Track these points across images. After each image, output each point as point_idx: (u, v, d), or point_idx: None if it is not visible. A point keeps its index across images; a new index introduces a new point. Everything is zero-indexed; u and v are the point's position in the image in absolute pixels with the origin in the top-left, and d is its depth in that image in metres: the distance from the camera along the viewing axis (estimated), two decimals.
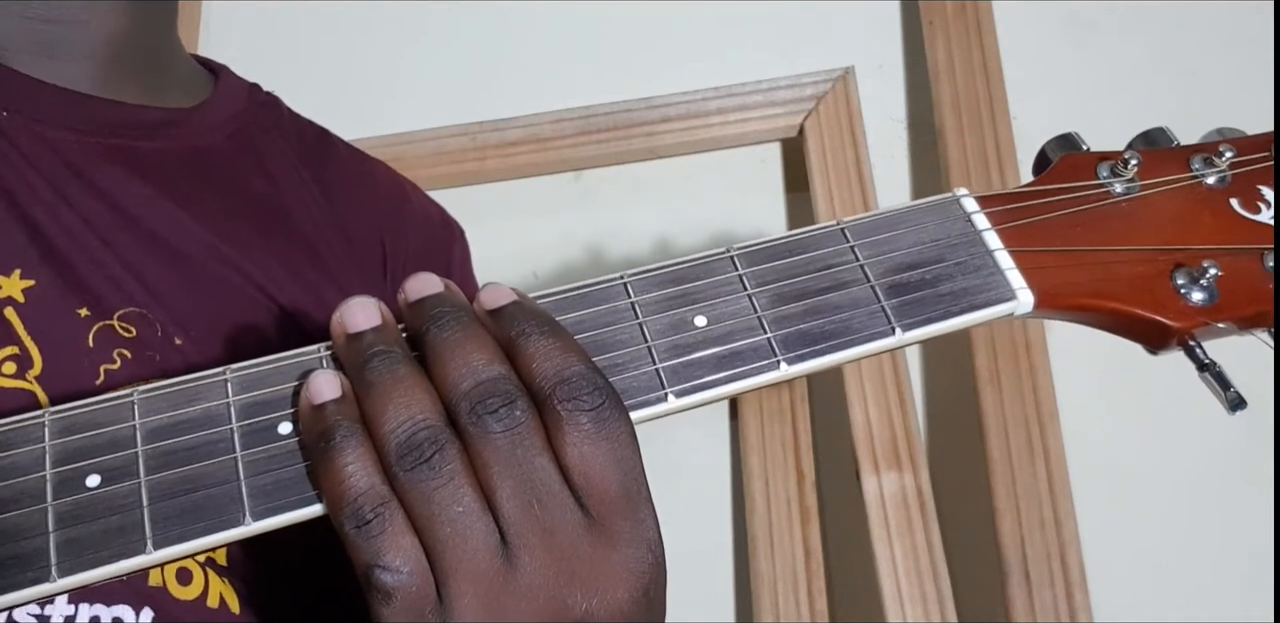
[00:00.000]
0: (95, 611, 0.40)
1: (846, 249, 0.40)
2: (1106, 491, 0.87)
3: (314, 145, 0.61)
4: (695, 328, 0.38)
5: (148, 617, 0.41)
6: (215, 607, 0.43)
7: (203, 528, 0.34)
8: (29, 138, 0.47)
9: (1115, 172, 0.42)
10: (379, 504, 0.32)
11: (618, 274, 0.39)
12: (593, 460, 0.33)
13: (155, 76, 0.54)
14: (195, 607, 0.43)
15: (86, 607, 0.40)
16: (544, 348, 0.34)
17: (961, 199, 0.42)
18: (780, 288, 0.39)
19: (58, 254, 0.45)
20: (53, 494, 0.34)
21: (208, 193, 0.52)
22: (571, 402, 0.33)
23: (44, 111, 0.48)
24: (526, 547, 0.33)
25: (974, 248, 0.40)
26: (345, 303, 0.36)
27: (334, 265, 0.56)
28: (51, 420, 0.36)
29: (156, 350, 0.46)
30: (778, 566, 0.87)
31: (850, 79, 0.97)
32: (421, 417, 0.33)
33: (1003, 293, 0.39)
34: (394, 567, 0.32)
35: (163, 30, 0.55)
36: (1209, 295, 0.40)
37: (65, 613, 0.39)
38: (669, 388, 0.37)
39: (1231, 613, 0.84)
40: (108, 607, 0.40)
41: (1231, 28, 0.96)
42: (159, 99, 0.53)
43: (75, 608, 0.40)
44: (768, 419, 0.92)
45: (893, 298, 0.39)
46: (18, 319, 0.43)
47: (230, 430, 0.36)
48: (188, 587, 0.43)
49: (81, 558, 0.34)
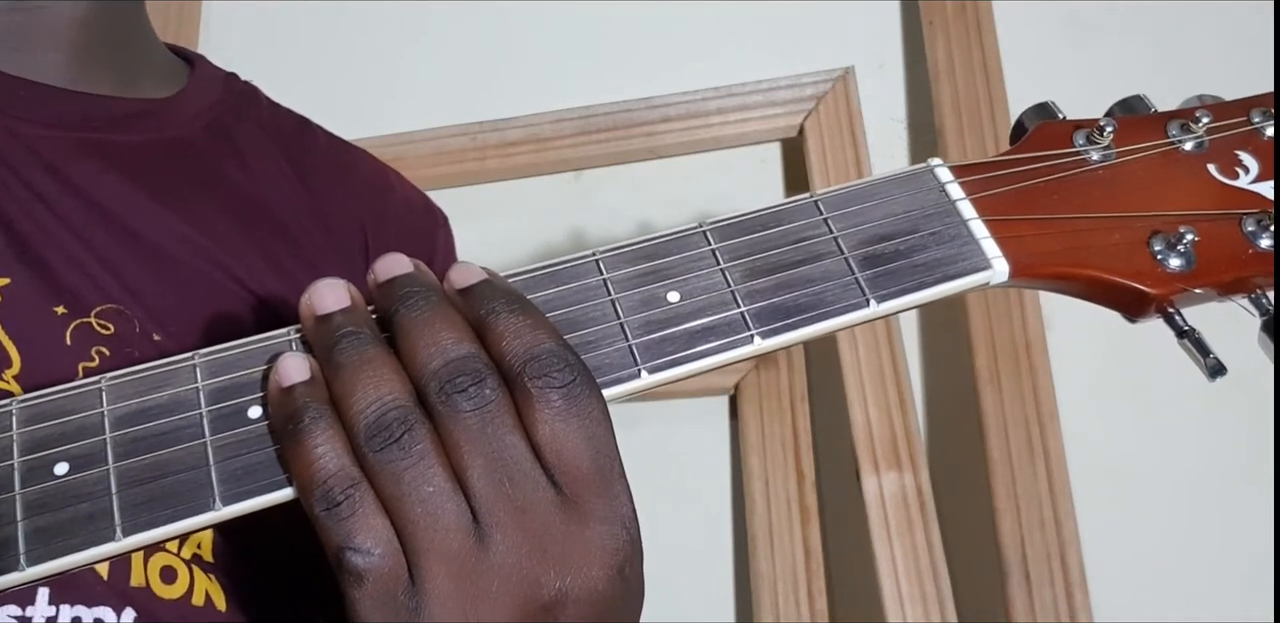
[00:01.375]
0: (76, 612, 0.39)
1: (819, 222, 0.40)
2: (1106, 491, 0.87)
3: (292, 135, 0.61)
4: (668, 304, 0.38)
5: (129, 618, 0.40)
6: (200, 605, 0.43)
7: (172, 514, 0.34)
8: (1, 134, 0.46)
9: (1091, 139, 0.42)
10: (349, 486, 0.32)
11: (589, 251, 0.39)
12: (564, 438, 0.33)
13: (128, 66, 0.53)
14: (179, 605, 0.42)
15: (68, 608, 0.39)
16: (514, 326, 0.34)
17: (935, 169, 0.41)
18: (753, 262, 0.39)
19: (33, 252, 0.44)
20: (21, 483, 0.34)
21: (185, 185, 0.51)
22: (542, 379, 0.33)
23: (15, 107, 0.47)
24: (498, 525, 0.33)
25: (948, 218, 0.40)
26: (314, 285, 0.36)
27: (314, 255, 0.55)
28: (19, 409, 0.35)
29: (135, 347, 0.45)
30: (778, 566, 0.87)
31: (850, 79, 0.97)
32: (390, 397, 0.33)
33: (977, 262, 0.39)
34: (365, 548, 0.32)
35: (131, 15, 0.54)
36: (1186, 262, 0.39)
37: (46, 614, 0.39)
38: (642, 364, 0.37)
39: (1231, 613, 0.84)
40: (89, 608, 0.40)
41: (1231, 28, 0.96)
42: (133, 90, 0.52)
43: (56, 609, 0.39)
44: (768, 419, 0.92)
45: (866, 269, 0.38)
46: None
47: (199, 415, 0.35)
48: (172, 585, 0.42)
49: (50, 546, 0.33)
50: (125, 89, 0.52)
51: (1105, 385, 0.91)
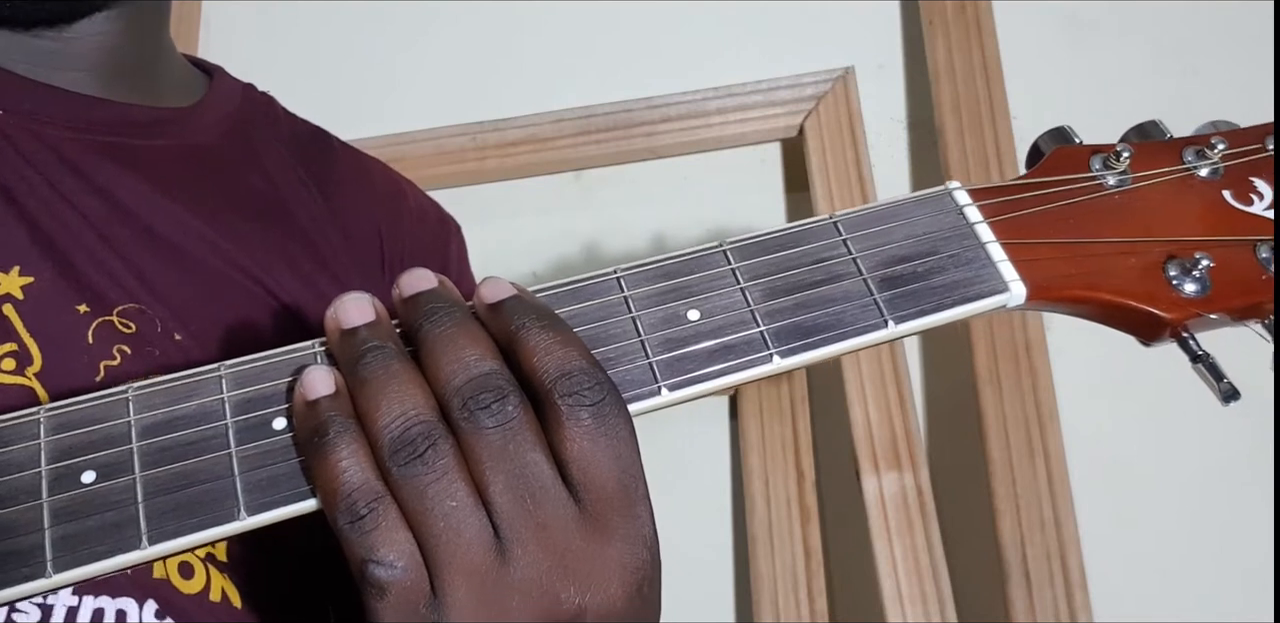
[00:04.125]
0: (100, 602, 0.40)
1: (839, 242, 0.40)
2: (1106, 491, 0.87)
3: (309, 144, 0.62)
4: (688, 322, 0.38)
5: (151, 609, 0.41)
6: (218, 601, 0.43)
7: (197, 523, 0.34)
8: (26, 136, 0.47)
9: (1108, 164, 0.42)
10: (373, 499, 0.32)
11: (611, 269, 0.39)
12: (592, 456, 0.33)
13: (151, 81, 0.54)
14: (199, 600, 0.43)
15: (91, 599, 0.40)
16: (544, 342, 0.34)
17: (954, 192, 0.42)
18: (772, 281, 0.39)
19: (56, 251, 0.45)
20: (48, 491, 0.34)
21: (206, 190, 0.52)
22: (572, 397, 0.33)
23: (41, 111, 0.48)
24: (519, 541, 0.33)
25: (966, 241, 0.40)
26: (339, 299, 0.36)
27: (332, 261, 0.56)
28: (47, 417, 0.36)
29: (156, 346, 0.46)
30: (778, 566, 0.87)
31: (850, 79, 0.97)
32: (415, 412, 0.33)
33: (995, 285, 0.39)
34: (388, 562, 0.32)
35: (156, 38, 0.55)
36: (1201, 287, 0.40)
37: (69, 604, 0.39)
38: (662, 381, 0.37)
39: (1231, 613, 0.84)
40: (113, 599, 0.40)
41: (1231, 28, 0.96)
42: (155, 101, 0.53)
43: (79, 599, 0.40)
44: (768, 419, 0.92)
45: (885, 291, 0.39)
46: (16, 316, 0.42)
47: (225, 426, 0.36)
48: (190, 580, 0.43)
49: (77, 553, 0.34)
50: (147, 100, 0.53)
51: (1105, 385, 0.91)
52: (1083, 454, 0.84)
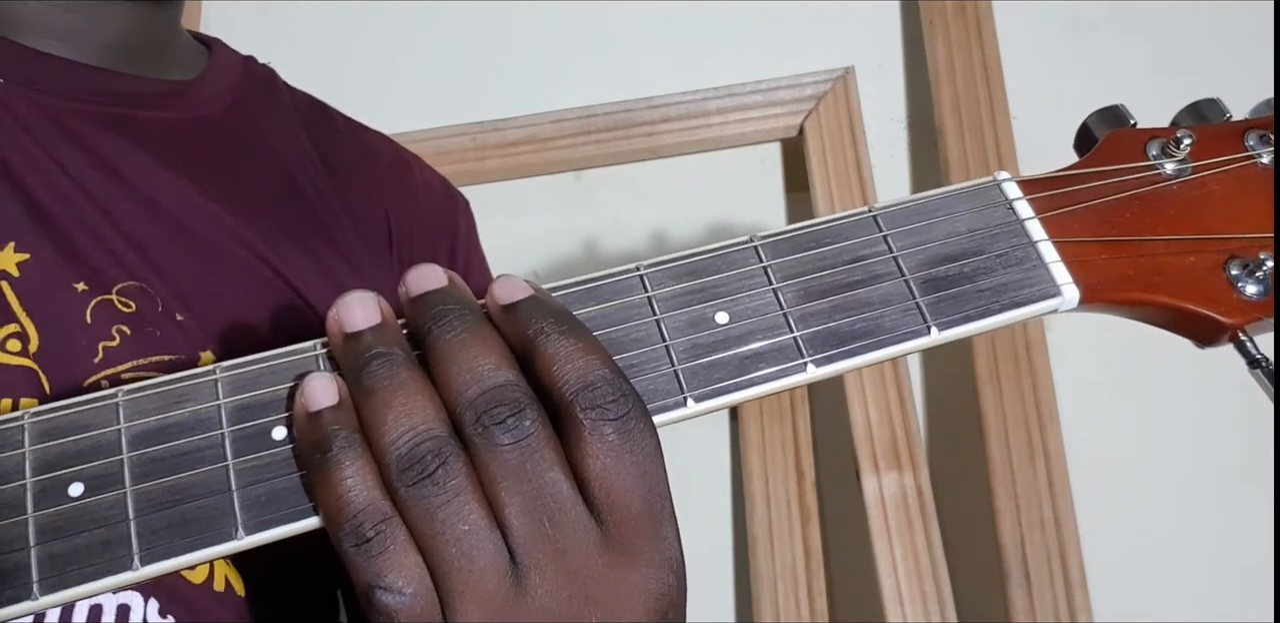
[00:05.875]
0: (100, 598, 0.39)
1: (879, 239, 0.37)
2: (1106, 491, 0.87)
3: (312, 117, 0.60)
4: (717, 325, 0.35)
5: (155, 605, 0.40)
6: (222, 590, 0.42)
7: (192, 543, 0.32)
8: (25, 104, 0.45)
9: (1166, 151, 0.39)
10: (379, 521, 0.30)
11: (633, 265, 0.36)
12: (615, 474, 0.31)
13: (157, 56, 0.53)
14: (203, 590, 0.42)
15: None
16: (564, 349, 0.32)
17: (1003, 184, 0.38)
18: (807, 282, 0.36)
19: (54, 226, 0.43)
20: (33, 505, 0.32)
21: (210, 164, 0.50)
22: (595, 410, 0.31)
23: (40, 79, 0.46)
24: (537, 567, 0.31)
25: (1015, 238, 0.37)
26: (342, 299, 0.34)
27: (339, 236, 0.54)
28: (31, 424, 0.33)
29: (157, 327, 0.44)
30: (778, 566, 0.87)
31: (850, 79, 0.97)
32: (424, 427, 0.31)
33: (1046, 289, 0.36)
34: (396, 588, 0.30)
35: (171, 25, 0.54)
36: (1263, 289, 0.37)
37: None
38: (688, 392, 0.34)
39: (1231, 613, 0.84)
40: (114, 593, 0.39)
41: (1231, 28, 0.96)
42: (158, 74, 0.52)
43: None
44: (768, 419, 0.92)
45: (928, 294, 0.36)
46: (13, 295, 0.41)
47: (221, 436, 0.33)
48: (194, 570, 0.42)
49: (65, 574, 0.31)
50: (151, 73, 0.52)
51: (1105, 385, 0.91)
52: (1083, 454, 0.84)
